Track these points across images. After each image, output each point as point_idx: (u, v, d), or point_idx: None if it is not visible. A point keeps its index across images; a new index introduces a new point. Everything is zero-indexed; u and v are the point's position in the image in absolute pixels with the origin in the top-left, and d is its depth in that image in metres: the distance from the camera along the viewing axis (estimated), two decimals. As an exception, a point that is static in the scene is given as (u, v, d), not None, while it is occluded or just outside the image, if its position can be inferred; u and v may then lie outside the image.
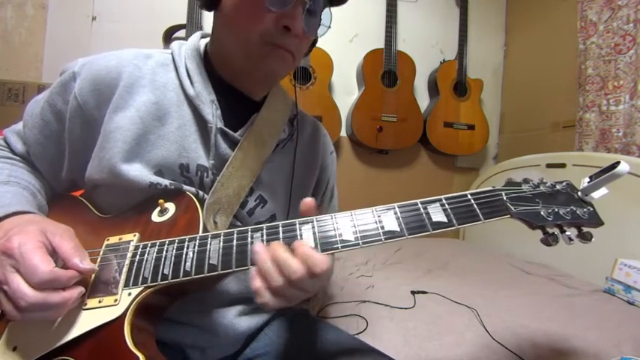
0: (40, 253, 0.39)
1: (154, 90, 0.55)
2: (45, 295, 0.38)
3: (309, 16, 0.53)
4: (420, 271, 1.35)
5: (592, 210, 0.46)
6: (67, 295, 0.40)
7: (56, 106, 0.55)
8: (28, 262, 0.38)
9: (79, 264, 0.41)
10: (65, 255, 0.41)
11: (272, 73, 0.57)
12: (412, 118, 2.01)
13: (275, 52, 0.53)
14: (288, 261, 0.40)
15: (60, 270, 0.40)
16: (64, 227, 0.46)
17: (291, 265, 0.39)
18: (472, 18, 2.20)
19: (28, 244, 0.39)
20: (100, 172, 0.52)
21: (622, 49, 1.50)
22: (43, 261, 0.39)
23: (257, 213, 0.60)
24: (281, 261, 0.40)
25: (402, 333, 0.88)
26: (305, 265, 0.40)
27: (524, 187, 0.48)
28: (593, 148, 1.59)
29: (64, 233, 0.44)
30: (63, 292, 0.40)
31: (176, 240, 0.47)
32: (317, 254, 0.40)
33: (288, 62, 0.55)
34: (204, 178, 0.56)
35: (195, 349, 0.57)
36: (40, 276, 0.38)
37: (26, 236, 0.41)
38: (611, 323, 0.95)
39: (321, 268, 0.39)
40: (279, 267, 0.40)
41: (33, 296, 0.38)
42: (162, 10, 1.83)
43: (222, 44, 0.57)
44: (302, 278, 0.39)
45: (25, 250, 0.39)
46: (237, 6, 0.52)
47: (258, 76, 0.58)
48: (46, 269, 0.38)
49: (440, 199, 0.45)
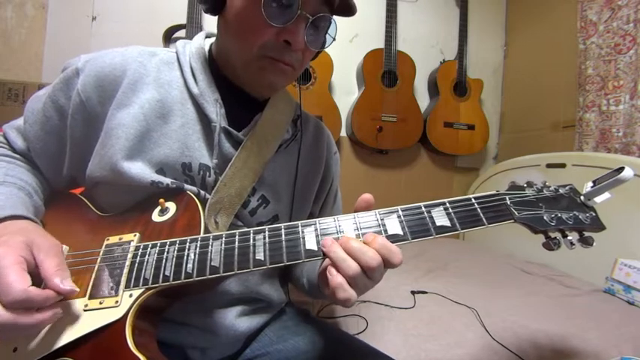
0: (16, 270, 0.37)
1: (158, 88, 0.55)
2: (15, 317, 0.36)
3: (314, 30, 0.52)
4: (419, 271, 1.35)
5: (594, 215, 0.46)
6: (40, 318, 0.38)
7: (58, 102, 0.55)
8: (3, 279, 0.36)
9: (59, 284, 0.39)
10: (46, 273, 0.40)
11: (271, 85, 0.56)
12: (412, 118, 2.00)
13: (274, 66, 0.53)
14: (363, 248, 0.40)
15: (34, 290, 0.37)
16: (51, 242, 0.44)
17: (367, 252, 0.40)
18: (472, 18, 2.20)
19: (6, 259, 0.38)
20: (101, 170, 0.52)
21: (622, 49, 1.50)
22: (18, 279, 0.37)
23: (259, 213, 0.60)
24: (356, 250, 0.40)
25: (402, 333, 0.88)
26: (381, 253, 0.40)
27: (527, 191, 0.48)
28: (593, 148, 1.59)
29: (50, 249, 0.42)
30: (36, 313, 0.38)
31: (177, 241, 0.46)
32: (393, 245, 0.41)
33: (288, 75, 0.55)
34: (207, 178, 0.55)
35: (195, 349, 0.57)
36: (13, 295, 0.36)
37: (8, 249, 0.39)
38: (611, 323, 0.95)
39: (398, 258, 0.41)
40: (355, 256, 0.40)
41: (1, 317, 0.36)
42: (162, 10, 1.83)
43: (226, 49, 0.57)
44: (380, 266, 0.40)
45: (2, 265, 0.37)
46: (240, 17, 0.51)
47: (257, 86, 0.58)
48: (19, 288, 0.36)
49: (444, 202, 0.45)
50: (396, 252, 0.41)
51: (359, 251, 0.40)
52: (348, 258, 0.40)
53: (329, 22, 0.54)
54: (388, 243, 0.41)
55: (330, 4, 0.52)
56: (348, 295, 0.40)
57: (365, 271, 0.40)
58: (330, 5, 0.52)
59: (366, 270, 0.40)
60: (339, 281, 0.40)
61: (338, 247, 0.41)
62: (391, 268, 0.42)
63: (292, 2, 0.48)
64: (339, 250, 0.41)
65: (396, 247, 0.41)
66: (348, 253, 0.41)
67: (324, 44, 0.57)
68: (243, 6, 0.51)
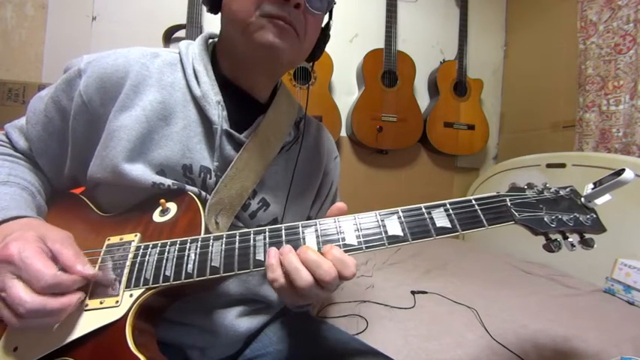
0: (42, 258, 0.39)
1: (161, 89, 0.55)
2: (44, 301, 0.38)
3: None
4: (419, 271, 1.35)
5: (595, 217, 0.46)
6: (66, 301, 0.39)
7: (60, 103, 0.55)
8: (32, 267, 0.38)
9: (83, 270, 0.41)
10: (68, 262, 0.41)
11: (272, 46, 0.51)
12: (412, 118, 2.01)
13: (273, 23, 0.50)
14: (319, 261, 0.40)
15: (63, 274, 0.39)
16: (63, 234, 0.45)
17: (322, 265, 0.40)
18: (472, 18, 2.20)
19: (28, 250, 0.39)
20: (103, 171, 0.52)
21: (622, 49, 1.50)
22: (47, 265, 0.39)
23: (259, 216, 0.60)
24: (312, 262, 0.40)
25: (402, 333, 0.88)
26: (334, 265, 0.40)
27: (528, 193, 0.48)
28: (593, 148, 1.59)
29: (65, 240, 0.43)
30: (62, 297, 0.39)
31: (178, 241, 0.46)
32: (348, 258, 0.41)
33: (290, 36, 0.52)
34: (207, 180, 0.55)
35: (195, 349, 0.57)
36: (46, 279, 0.38)
37: (25, 242, 0.40)
38: (611, 323, 0.95)
39: (351, 272, 0.40)
40: (310, 268, 0.40)
41: (32, 302, 0.37)
42: (162, 10, 1.83)
43: (227, 38, 0.57)
44: (334, 280, 0.40)
45: (26, 256, 0.38)
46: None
47: (259, 57, 0.54)
48: (50, 273, 0.38)
49: (444, 203, 0.45)
50: (350, 265, 0.40)
51: (314, 264, 0.40)
52: (303, 269, 0.40)
53: None
54: (344, 256, 0.41)
55: None
56: (276, 276, 0.40)
57: (318, 283, 0.40)
58: None
59: (320, 283, 0.40)
60: (271, 262, 0.41)
61: (294, 257, 0.41)
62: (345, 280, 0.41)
63: None
64: (295, 260, 0.41)
65: (352, 259, 0.41)
66: (304, 264, 0.40)
67: (326, 8, 0.56)
68: None
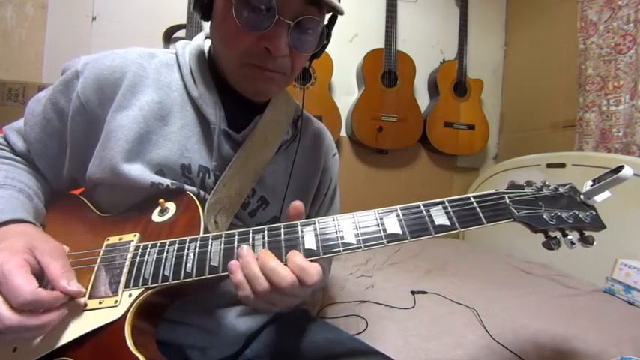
0: (22, 272, 0.38)
1: (158, 90, 0.55)
2: (24, 319, 0.37)
3: (300, 33, 0.49)
4: (419, 271, 1.35)
5: (594, 214, 0.46)
6: (47, 319, 0.38)
7: (58, 104, 0.55)
8: (11, 282, 0.37)
9: (67, 286, 0.40)
10: (53, 276, 0.40)
11: (259, 92, 0.55)
12: (412, 118, 2.00)
13: (259, 74, 0.51)
14: (277, 269, 0.40)
15: (43, 291, 0.38)
16: (54, 244, 0.44)
17: (280, 272, 0.40)
18: (472, 18, 2.20)
19: (10, 263, 0.38)
20: (102, 172, 0.52)
21: (622, 49, 1.50)
22: (27, 281, 0.37)
23: (259, 215, 0.60)
24: (269, 269, 0.40)
25: (402, 333, 0.88)
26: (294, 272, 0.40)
27: (527, 190, 0.47)
28: (593, 148, 1.59)
29: (54, 251, 0.43)
30: (43, 315, 0.38)
31: (177, 241, 0.46)
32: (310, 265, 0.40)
33: (277, 81, 0.53)
34: (206, 179, 0.55)
35: (195, 349, 0.57)
36: (24, 297, 0.36)
37: (11, 254, 0.39)
38: (611, 323, 0.95)
39: (312, 280, 0.40)
40: (267, 275, 0.40)
41: (9, 319, 0.36)
42: (162, 10, 1.83)
43: (217, 54, 0.56)
44: (291, 287, 0.39)
45: (8, 269, 0.37)
46: (221, 23, 0.50)
47: (247, 93, 0.56)
48: (29, 290, 0.37)
49: (443, 201, 0.45)
50: (311, 273, 0.40)
51: (270, 270, 0.40)
52: (261, 276, 0.40)
53: (318, 23, 0.50)
54: (304, 263, 0.41)
55: (317, 3, 0.48)
56: (247, 294, 0.41)
57: (276, 289, 0.40)
58: (316, 4, 0.48)
59: (277, 289, 0.40)
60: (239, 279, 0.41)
61: (254, 265, 0.41)
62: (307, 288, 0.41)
63: (269, 7, 0.45)
64: (255, 267, 0.41)
65: (314, 267, 0.41)
66: (262, 271, 0.40)
67: (318, 46, 0.54)
68: (223, 13, 0.49)
